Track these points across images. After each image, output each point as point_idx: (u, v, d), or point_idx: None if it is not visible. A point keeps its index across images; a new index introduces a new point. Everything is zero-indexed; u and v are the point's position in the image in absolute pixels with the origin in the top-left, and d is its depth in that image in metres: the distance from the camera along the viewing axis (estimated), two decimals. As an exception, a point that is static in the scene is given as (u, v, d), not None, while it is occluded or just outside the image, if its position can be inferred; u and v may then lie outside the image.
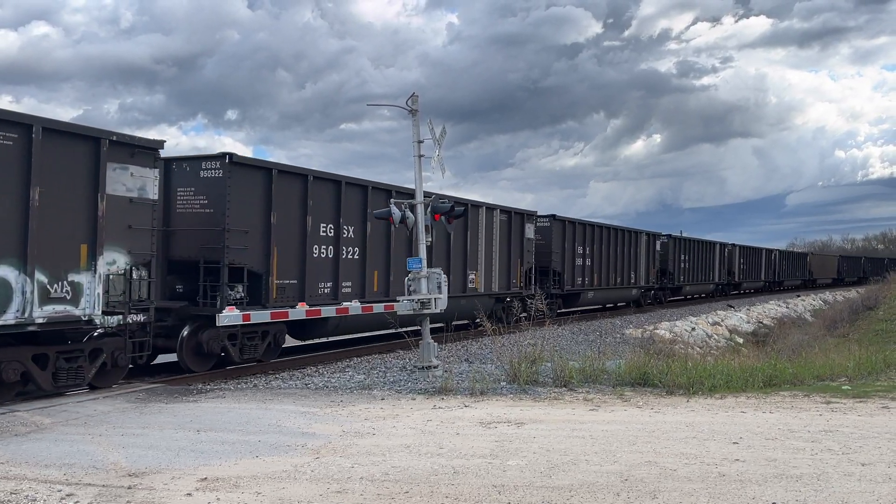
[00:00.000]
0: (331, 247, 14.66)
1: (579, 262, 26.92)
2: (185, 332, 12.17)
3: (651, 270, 34.63)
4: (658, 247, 35.77)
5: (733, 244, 48.18)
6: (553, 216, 25.34)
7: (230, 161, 12.37)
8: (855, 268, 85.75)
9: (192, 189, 12.65)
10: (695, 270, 40.12)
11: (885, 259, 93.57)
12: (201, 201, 12.58)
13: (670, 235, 37.34)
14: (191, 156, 12.92)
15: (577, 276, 26.67)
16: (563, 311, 26.48)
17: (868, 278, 79.78)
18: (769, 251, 53.79)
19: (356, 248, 15.41)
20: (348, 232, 15.14)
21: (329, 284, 14.59)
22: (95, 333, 10.35)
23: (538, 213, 24.46)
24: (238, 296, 12.54)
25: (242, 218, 12.59)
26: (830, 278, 72.98)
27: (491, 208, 21.00)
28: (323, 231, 14.44)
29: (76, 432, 7.86)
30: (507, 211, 21.83)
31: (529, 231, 23.31)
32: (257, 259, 12.91)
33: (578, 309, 28.13)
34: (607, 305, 32.13)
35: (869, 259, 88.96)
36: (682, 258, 38.70)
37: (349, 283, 15.15)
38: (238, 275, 12.51)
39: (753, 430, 7.97)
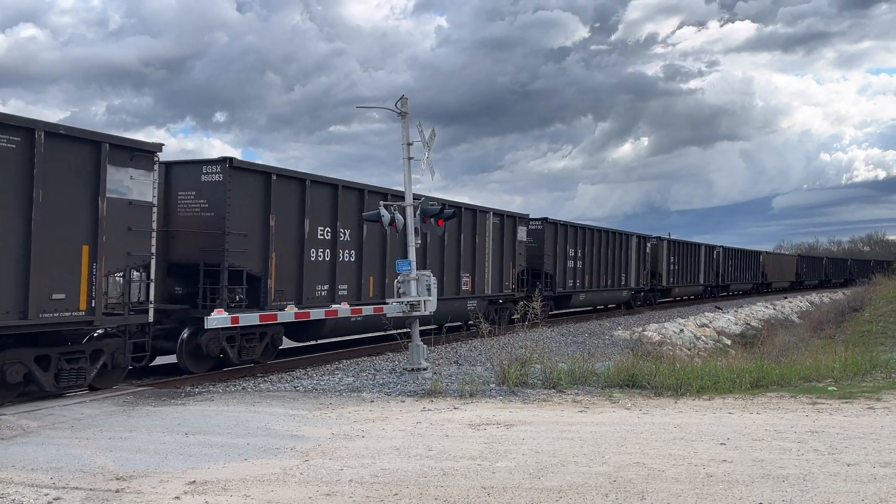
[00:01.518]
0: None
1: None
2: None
3: (641, 272, 34.68)
4: (648, 249, 35.72)
5: (716, 245, 47.55)
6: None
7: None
8: (841, 270, 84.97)
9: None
10: (683, 272, 40.01)
11: (847, 260, 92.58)
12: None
13: (659, 238, 37.26)
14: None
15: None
16: (554, 312, 26.63)
17: (830, 281, 77.69)
18: (710, 248, 46.40)
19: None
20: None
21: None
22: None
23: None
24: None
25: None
26: (788, 281, 66.35)
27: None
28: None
29: (63, 436, 7.80)
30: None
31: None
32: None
33: (570, 311, 28.66)
34: (598, 307, 31.98)
35: (830, 260, 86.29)
36: (671, 260, 38.59)
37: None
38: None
39: (741, 431, 8.02)
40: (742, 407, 9.61)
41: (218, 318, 11.74)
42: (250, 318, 12.49)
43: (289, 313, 13.19)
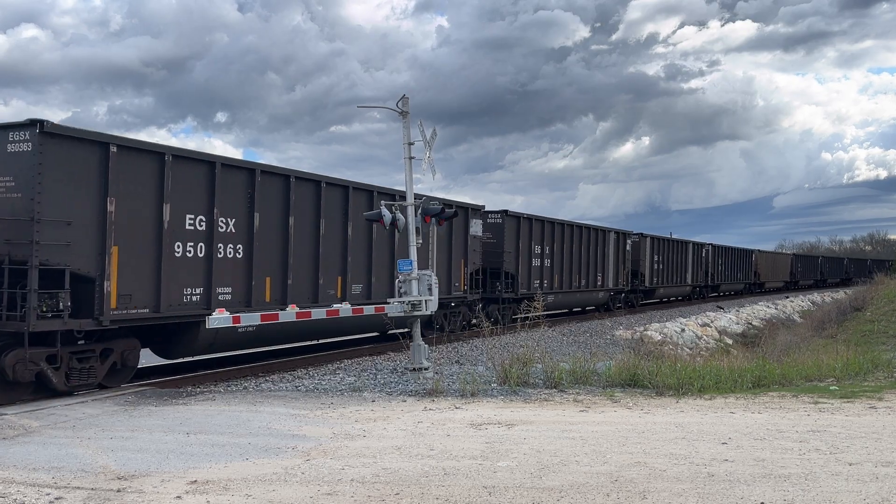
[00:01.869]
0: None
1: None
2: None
3: (621, 272, 31.42)
4: (628, 247, 32.18)
5: (705, 244, 44.88)
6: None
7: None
8: (838, 269, 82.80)
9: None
10: (669, 272, 36.79)
11: (844, 259, 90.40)
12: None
13: (641, 234, 33.69)
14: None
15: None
16: (643, 302, 28.87)
17: (826, 281, 75.22)
18: (698, 246, 42.97)
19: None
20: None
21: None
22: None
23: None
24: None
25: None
26: (782, 281, 63.24)
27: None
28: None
29: (64, 435, 7.81)
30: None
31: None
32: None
33: (654, 301, 30.42)
34: (574, 310, 29.49)
35: (826, 259, 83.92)
36: (655, 259, 35.31)
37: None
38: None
39: (742, 431, 8.02)
40: (743, 406, 9.60)
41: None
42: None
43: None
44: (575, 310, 29.66)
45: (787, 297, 52.98)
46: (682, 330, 27.94)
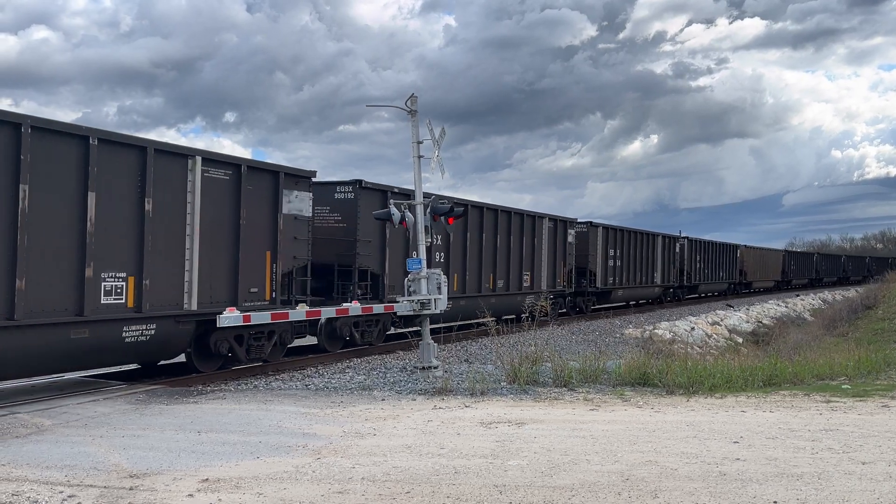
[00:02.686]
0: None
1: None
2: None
3: (672, 270, 36.29)
4: (677, 249, 37.10)
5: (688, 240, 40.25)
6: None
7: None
8: (834, 267, 77.52)
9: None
10: (630, 270, 32.68)
11: (841, 257, 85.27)
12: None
13: (591, 223, 34.05)
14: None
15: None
16: (596, 307, 29.27)
17: (822, 280, 70.00)
18: (670, 239, 36.95)
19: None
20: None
21: None
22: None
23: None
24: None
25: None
26: (772, 280, 57.68)
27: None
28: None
29: (77, 434, 7.86)
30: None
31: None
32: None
33: (610, 305, 30.67)
34: (631, 303, 33.85)
35: (823, 256, 76.71)
36: (611, 254, 35.02)
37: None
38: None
39: (754, 430, 7.98)
40: (755, 405, 9.56)
41: (230, 317, 11.76)
42: (262, 317, 12.48)
43: (299, 312, 13.20)
44: (632, 303, 34.03)
45: (798, 296, 52.43)
46: (692, 328, 27.84)
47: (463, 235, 19.55)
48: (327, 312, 13.85)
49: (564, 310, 31.97)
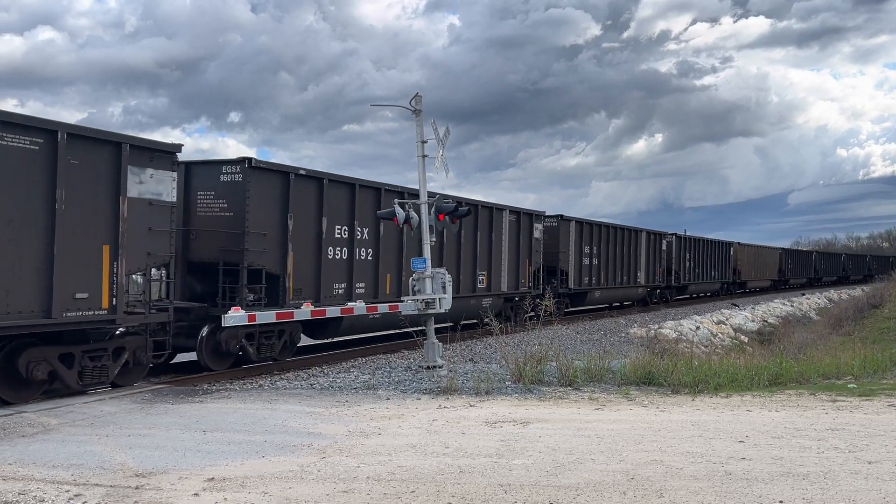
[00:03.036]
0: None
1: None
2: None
3: (658, 269, 33.74)
4: (664, 246, 34.40)
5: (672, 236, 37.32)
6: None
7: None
8: (834, 266, 74.79)
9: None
10: (610, 270, 30.13)
11: (841, 256, 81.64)
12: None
13: (675, 234, 36.03)
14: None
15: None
16: (570, 310, 26.43)
17: (821, 279, 67.23)
18: (656, 236, 34.16)
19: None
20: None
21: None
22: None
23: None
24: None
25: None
26: (768, 280, 54.68)
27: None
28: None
29: (83, 433, 7.88)
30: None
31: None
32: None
33: (586, 308, 28.01)
34: (613, 305, 31.62)
35: (821, 255, 73.45)
36: (687, 257, 36.72)
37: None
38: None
39: (759, 429, 7.96)
40: (760, 404, 9.54)
41: (236, 316, 11.79)
42: (266, 317, 12.52)
43: (305, 311, 13.21)
44: (615, 305, 31.48)
45: (804, 294, 52.10)
46: (697, 328, 27.78)
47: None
48: (332, 312, 13.73)
49: (656, 300, 32.27)
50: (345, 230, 14.93)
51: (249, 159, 12.67)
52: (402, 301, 13.83)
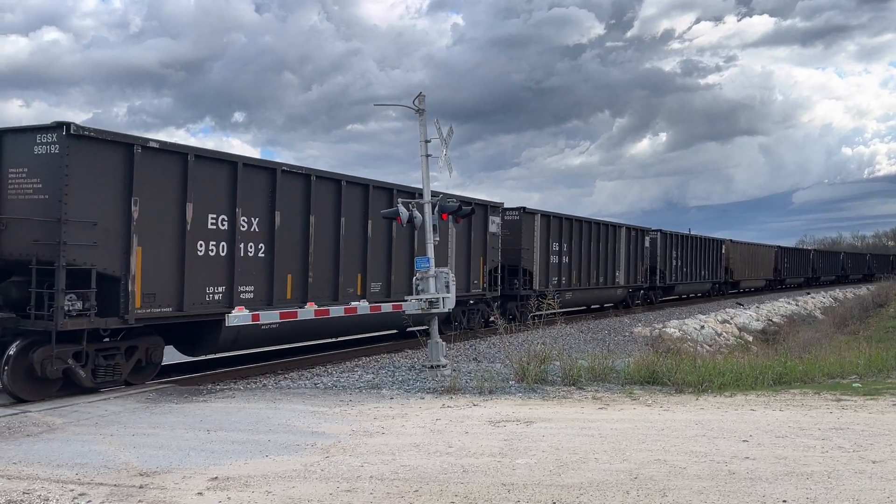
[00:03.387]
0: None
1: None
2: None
3: (640, 269, 30.95)
4: (647, 243, 31.20)
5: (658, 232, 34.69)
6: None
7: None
8: (832, 265, 72.11)
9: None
10: (585, 269, 27.30)
11: (840, 254, 79.16)
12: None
13: (660, 231, 33.10)
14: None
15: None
16: (663, 299, 25.84)
17: (819, 278, 64.58)
18: (638, 232, 30.83)
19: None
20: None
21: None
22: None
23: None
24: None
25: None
26: (763, 279, 51.78)
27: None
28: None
29: (87, 432, 7.91)
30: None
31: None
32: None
33: (673, 298, 27.57)
34: (592, 307, 29.23)
35: (819, 253, 70.61)
36: (674, 255, 34.06)
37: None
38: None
39: (763, 428, 7.95)
40: (765, 404, 9.52)
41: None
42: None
43: None
44: (593, 307, 29.12)
45: (808, 294, 51.86)
46: (702, 327, 27.74)
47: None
48: (336, 311, 13.46)
49: (639, 301, 31.22)
50: (223, 220, 11.90)
51: (68, 124, 9.69)
52: (406, 300, 13.81)
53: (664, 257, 33.40)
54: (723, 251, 42.47)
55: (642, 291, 32.41)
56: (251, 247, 12.50)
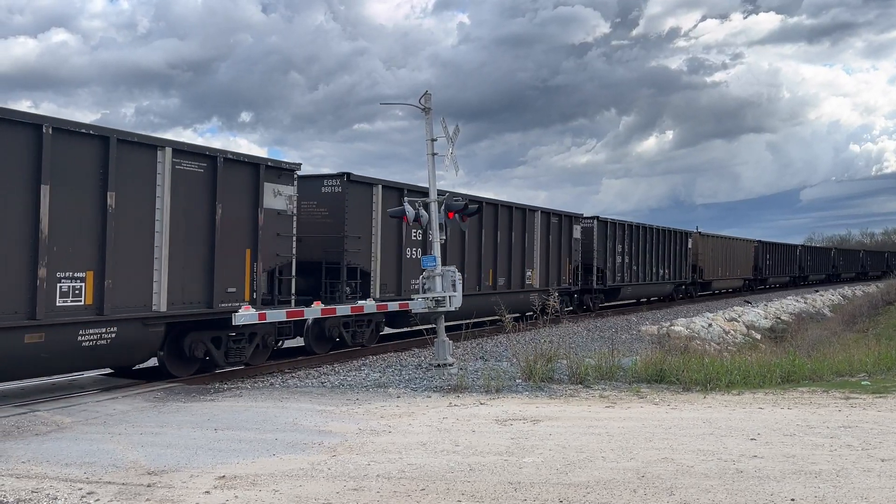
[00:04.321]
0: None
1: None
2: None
3: (684, 266, 35.08)
4: (577, 233, 25.76)
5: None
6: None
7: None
8: (823, 263, 66.56)
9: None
10: (724, 267, 38.01)
11: (832, 250, 73.07)
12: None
13: (700, 232, 37.16)
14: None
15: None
16: (604, 304, 28.30)
17: (808, 277, 59.18)
18: (562, 218, 23.85)
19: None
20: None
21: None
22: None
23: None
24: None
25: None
26: (741, 279, 45.36)
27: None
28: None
29: (96, 431, 7.94)
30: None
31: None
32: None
33: (619, 303, 30.03)
34: (641, 300, 32.99)
35: (808, 250, 64.86)
36: (618, 250, 31.71)
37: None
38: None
39: (771, 427, 7.92)
40: (772, 402, 9.48)
41: (245, 315, 11.79)
42: (277, 315, 12.50)
43: (315, 310, 13.23)
44: (642, 300, 32.55)
45: (817, 291, 51.30)
46: (710, 325, 27.65)
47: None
48: (342, 310, 13.74)
49: (682, 295, 36.24)
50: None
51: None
52: (413, 300, 13.83)
53: (604, 252, 26.99)
54: (689, 246, 36.20)
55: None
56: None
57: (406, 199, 14.18)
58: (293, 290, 13.37)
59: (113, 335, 10.11)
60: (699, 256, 37.42)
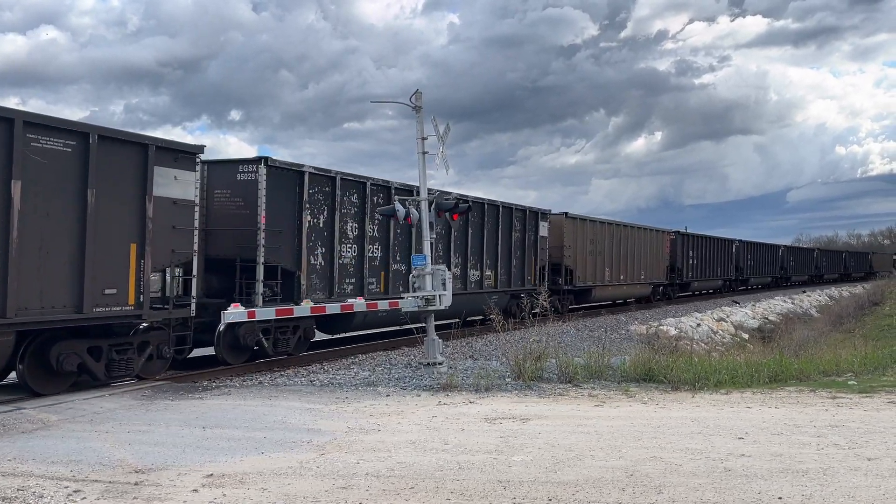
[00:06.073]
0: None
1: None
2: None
3: (661, 267, 33.79)
4: (668, 244, 34.01)
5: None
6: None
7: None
8: (806, 264, 65.15)
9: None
10: (703, 267, 37.11)
11: (814, 251, 71.64)
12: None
13: (678, 232, 36.00)
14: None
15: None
16: (574, 307, 26.51)
17: (790, 278, 57.83)
18: (523, 214, 22.53)
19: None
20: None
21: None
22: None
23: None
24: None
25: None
26: (720, 279, 43.27)
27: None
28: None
29: (83, 429, 7.89)
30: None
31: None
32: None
33: (591, 305, 28.38)
34: (617, 302, 31.75)
35: (790, 250, 63.31)
36: (690, 254, 36.22)
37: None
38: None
39: (759, 426, 7.96)
40: (760, 401, 9.53)
41: (235, 312, 11.72)
42: (266, 313, 12.45)
43: (303, 308, 13.18)
44: (618, 302, 30.71)
45: (804, 292, 51.59)
46: (698, 325, 27.79)
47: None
48: (332, 308, 13.68)
49: (659, 297, 33.48)
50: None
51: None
52: (403, 298, 13.81)
53: (561, 248, 25.16)
54: (666, 247, 34.15)
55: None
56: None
57: (338, 189, 14.42)
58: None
59: None
60: (677, 256, 35.85)
